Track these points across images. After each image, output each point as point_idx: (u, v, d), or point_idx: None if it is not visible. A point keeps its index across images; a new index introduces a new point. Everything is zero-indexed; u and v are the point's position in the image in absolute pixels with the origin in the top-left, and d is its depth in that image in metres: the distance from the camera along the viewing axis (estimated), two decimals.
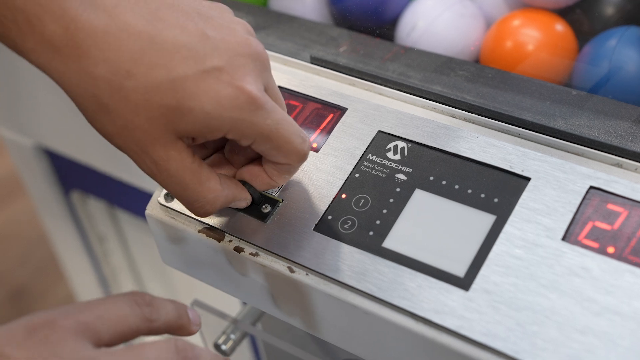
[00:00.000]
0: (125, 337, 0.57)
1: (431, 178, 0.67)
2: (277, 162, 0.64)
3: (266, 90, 0.62)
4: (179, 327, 0.60)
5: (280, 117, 0.62)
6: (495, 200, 0.64)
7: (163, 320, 0.59)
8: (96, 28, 0.57)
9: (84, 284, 1.47)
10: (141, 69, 0.57)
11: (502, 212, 0.63)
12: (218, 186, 0.64)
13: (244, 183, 0.67)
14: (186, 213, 0.71)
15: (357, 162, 0.69)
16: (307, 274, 0.66)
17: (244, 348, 0.99)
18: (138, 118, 0.58)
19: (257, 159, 0.67)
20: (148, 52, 0.58)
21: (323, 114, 0.73)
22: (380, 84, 0.74)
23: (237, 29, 0.61)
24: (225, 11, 0.63)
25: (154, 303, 0.59)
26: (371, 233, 0.65)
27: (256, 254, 0.68)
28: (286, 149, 0.63)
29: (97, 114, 0.59)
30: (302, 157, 0.64)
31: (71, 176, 1.24)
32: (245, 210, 0.69)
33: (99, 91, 0.58)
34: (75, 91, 0.59)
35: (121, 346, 0.56)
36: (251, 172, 0.66)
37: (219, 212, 0.70)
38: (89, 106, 0.59)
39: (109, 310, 0.56)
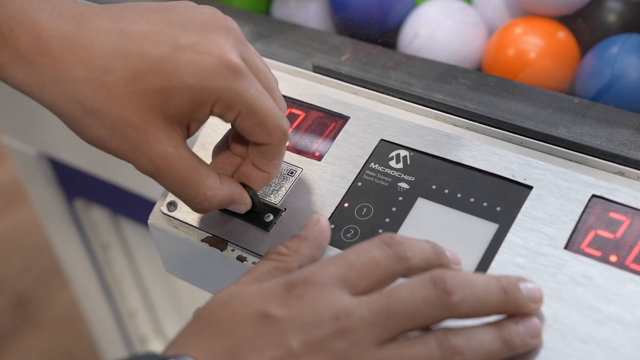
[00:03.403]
0: (381, 281, 0.55)
1: (433, 187, 0.67)
2: (260, 142, 0.63)
3: (244, 62, 0.61)
4: (440, 266, 0.57)
5: (261, 89, 0.61)
6: (498, 208, 0.64)
7: (419, 257, 0.56)
8: (67, 33, 0.59)
9: (87, 292, 1.47)
10: (116, 62, 0.58)
11: (504, 221, 0.63)
12: (217, 183, 0.64)
13: (244, 187, 0.67)
14: (189, 222, 0.72)
15: (360, 171, 0.69)
16: None
17: None
18: (126, 112, 0.59)
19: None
20: (119, 44, 0.59)
21: (325, 123, 0.73)
22: (383, 93, 0.74)
23: (203, 11, 0.62)
24: (189, 2, 0.64)
25: (406, 241, 0.56)
26: None
27: None
28: (269, 123, 0.62)
29: (84, 119, 0.60)
30: (284, 134, 0.63)
31: (75, 184, 1.25)
32: (248, 219, 0.69)
33: (80, 94, 0.59)
34: (58, 102, 0.59)
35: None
36: (244, 173, 0.67)
37: (222, 222, 0.70)
38: (74, 114, 0.60)
39: (360, 257, 0.55)
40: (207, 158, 0.74)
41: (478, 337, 0.54)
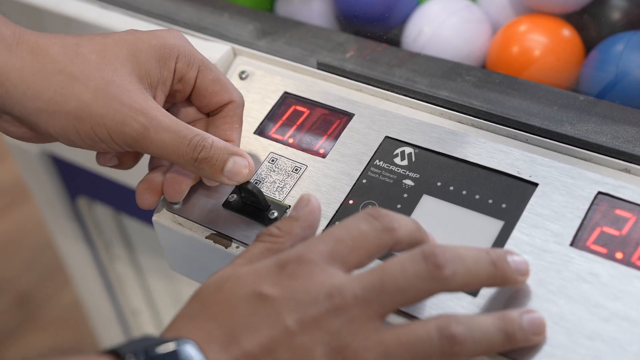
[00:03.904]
0: (371, 254, 0.56)
1: (438, 184, 0.67)
2: (222, 101, 0.70)
3: None
4: (421, 240, 0.58)
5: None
6: (503, 205, 0.64)
7: (405, 229, 0.56)
8: (37, 32, 0.67)
9: (90, 290, 1.47)
10: (85, 40, 0.67)
11: (510, 218, 0.63)
12: (205, 132, 0.67)
13: (246, 184, 0.67)
14: (193, 219, 0.71)
15: (365, 168, 0.69)
16: None
17: None
18: (105, 73, 0.65)
19: None
20: (84, 35, 0.68)
21: (330, 120, 0.73)
22: (387, 90, 0.74)
23: None
24: None
25: (391, 214, 0.57)
26: None
27: None
28: (225, 81, 0.71)
29: (67, 88, 0.65)
30: (240, 94, 0.71)
31: (77, 182, 1.24)
32: (253, 216, 0.69)
33: (60, 65, 0.65)
34: (37, 79, 0.65)
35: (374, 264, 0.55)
36: None
37: (226, 219, 0.70)
38: (56, 86, 0.65)
39: (348, 232, 0.56)
40: None
41: (481, 328, 0.54)
